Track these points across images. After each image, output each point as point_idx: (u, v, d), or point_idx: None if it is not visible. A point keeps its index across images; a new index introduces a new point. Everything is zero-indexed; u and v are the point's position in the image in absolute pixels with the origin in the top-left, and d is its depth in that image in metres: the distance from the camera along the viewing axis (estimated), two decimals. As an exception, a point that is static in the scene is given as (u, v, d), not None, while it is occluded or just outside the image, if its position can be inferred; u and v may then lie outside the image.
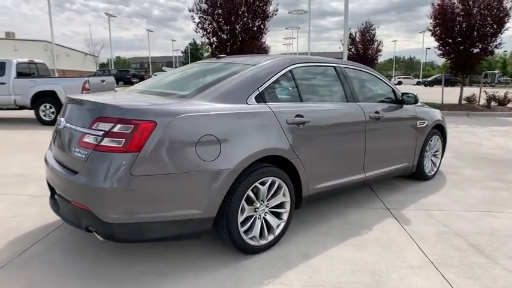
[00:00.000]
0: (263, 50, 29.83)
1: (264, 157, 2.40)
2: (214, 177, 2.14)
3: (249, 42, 12.66)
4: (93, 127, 2.07)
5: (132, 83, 29.83)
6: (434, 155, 4.41)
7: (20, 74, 8.80)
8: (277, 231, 2.57)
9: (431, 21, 12.66)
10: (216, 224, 2.27)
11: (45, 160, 2.53)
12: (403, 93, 3.73)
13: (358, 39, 27.88)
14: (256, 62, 2.75)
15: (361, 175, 3.23)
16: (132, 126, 1.97)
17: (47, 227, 2.88)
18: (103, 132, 2.01)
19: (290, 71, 2.80)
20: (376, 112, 3.29)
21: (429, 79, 44.72)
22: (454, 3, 11.89)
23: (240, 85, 2.47)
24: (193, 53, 68.87)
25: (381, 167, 3.47)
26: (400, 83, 51.88)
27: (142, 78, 31.22)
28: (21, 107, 8.74)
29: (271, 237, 2.54)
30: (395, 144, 3.63)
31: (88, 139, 2.07)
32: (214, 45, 12.61)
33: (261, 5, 12.48)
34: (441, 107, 12.40)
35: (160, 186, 2.02)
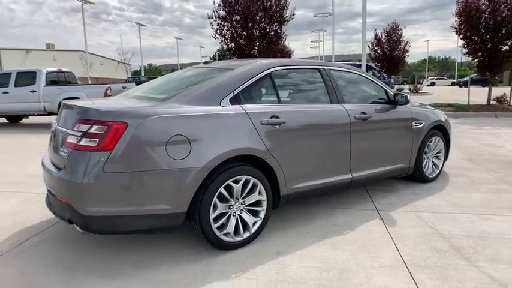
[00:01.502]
0: (286, 54, 29.99)
1: (238, 156, 2.50)
2: (183, 174, 2.26)
3: (266, 47, 12.78)
4: (74, 128, 2.26)
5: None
6: (437, 157, 4.30)
7: (50, 82, 9.46)
8: (254, 229, 2.65)
9: (456, 18, 12.20)
10: (189, 219, 2.40)
11: (42, 163, 2.76)
12: (395, 94, 3.69)
13: (384, 40, 27.24)
14: (236, 66, 2.86)
15: (347, 175, 3.23)
16: (106, 127, 2.14)
17: (46, 222, 3.13)
18: (81, 132, 2.20)
19: (269, 74, 2.88)
20: (363, 113, 3.29)
21: (464, 79, 42.76)
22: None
23: (214, 88, 2.59)
24: (221, 59, 70.24)
25: (371, 167, 3.45)
26: (432, 84, 49.93)
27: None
28: (50, 113, 9.38)
29: (247, 235, 2.62)
30: (387, 145, 3.59)
31: (70, 139, 2.26)
32: (232, 51, 12.87)
33: (277, 9, 12.59)
34: (467, 108, 11.88)
35: (131, 182, 2.18)
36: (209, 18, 12.64)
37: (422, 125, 3.91)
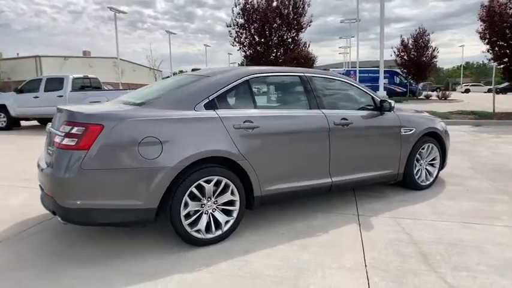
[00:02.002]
0: (309, 60, 29.97)
1: (211, 158, 2.66)
2: (154, 173, 2.45)
3: (284, 53, 12.93)
4: (60, 129, 2.52)
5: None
6: (431, 164, 4.25)
7: (76, 88, 10.12)
8: (226, 227, 2.79)
9: (480, 23, 11.78)
10: (161, 215, 2.58)
11: (37, 163, 3.03)
12: (381, 101, 3.72)
13: (410, 46, 26.60)
14: (216, 74, 3.03)
15: (327, 179, 3.30)
16: (84, 128, 2.38)
17: (48, 215, 3.43)
18: (64, 133, 2.45)
19: (247, 81, 3.03)
20: (344, 119, 3.35)
21: (501, 86, 40.65)
22: (505, 3, 10.93)
23: (190, 94, 2.77)
24: (248, 65, 71.13)
25: (354, 172, 3.50)
26: (467, 91, 47.82)
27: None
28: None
29: (218, 232, 2.76)
30: (372, 151, 3.62)
31: (56, 139, 2.52)
32: (249, 58, 13.13)
33: (295, 17, 12.73)
34: (491, 115, 11.40)
35: (106, 179, 2.39)
36: (228, 26, 13.01)
37: (412, 131, 3.90)
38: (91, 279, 2.29)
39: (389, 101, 3.71)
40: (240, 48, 13.06)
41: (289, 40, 12.78)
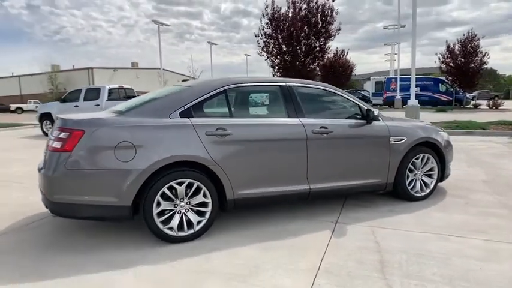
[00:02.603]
0: (347, 68, 29.41)
1: (185, 162, 2.91)
2: (128, 174, 2.74)
3: (311, 62, 12.99)
4: (53, 134, 2.91)
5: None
6: (429, 175, 4.13)
7: (112, 98, 11.00)
8: (198, 227, 3.00)
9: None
10: (136, 212, 2.86)
11: (38, 167, 3.43)
12: (367, 109, 3.73)
13: (457, 51, 25.15)
14: (196, 84, 3.29)
15: (304, 186, 3.39)
16: (69, 133, 2.74)
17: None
18: (54, 137, 2.83)
19: (225, 90, 3.24)
20: (323, 127, 3.43)
21: None
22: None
23: (167, 103, 3.05)
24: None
25: (335, 180, 3.55)
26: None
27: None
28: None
29: (191, 231, 2.98)
30: (356, 159, 3.65)
31: (49, 142, 2.92)
32: (277, 67, 13.35)
33: (323, 25, 12.76)
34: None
35: (86, 177, 2.73)
36: (256, 36, 13.36)
37: (403, 141, 3.85)
38: (69, 266, 2.61)
39: (373, 110, 3.71)
40: (268, 57, 13.35)
41: (318, 49, 12.83)
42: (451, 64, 25.70)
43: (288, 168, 3.33)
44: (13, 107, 37.69)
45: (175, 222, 2.93)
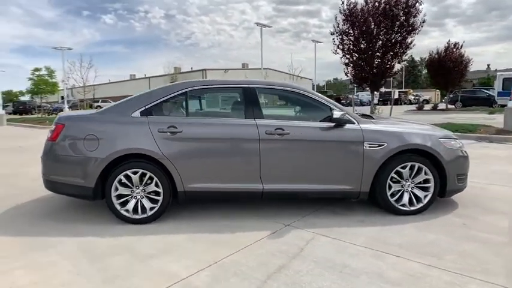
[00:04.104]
0: (460, 64, 25.68)
1: (140, 154, 3.38)
2: (92, 161, 3.35)
3: (391, 58, 11.94)
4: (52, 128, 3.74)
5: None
6: (422, 188, 3.62)
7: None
8: (151, 212, 3.43)
9: None
10: (101, 194, 3.46)
11: None
12: (336, 112, 3.50)
13: None
14: (161, 87, 3.70)
15: (257, 185, 3.46)
16: (55, 126, 3.51)
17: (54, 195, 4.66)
18: (50, 130, 3.65)
19: (185, 92, 3.57)
20: (279, 129, 3.43)
21: None
22: None
23: (133, 103, 3.55)
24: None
25: (294, 182, 3.51)
26: None
27: (337, 100, 35.57)
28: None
29: (144, 215, 3.43)
30: (318, 163, 3.50)
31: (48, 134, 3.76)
32: (352, 65, 12.66)
33: (407, 17, 11.56)
34: None
35: (64, 162, 3.45)
36: (331, 34, 12.90)
37: (382, 147, 3.50)
38: (44, 234, 3.27)
39: (343, 113, 3.48)
40: (344, 55, 12.72)
41: (397, 45, 11.66)
42: None
43: (241, 166, 3.46)
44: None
45: (130, 205, 3.42)
